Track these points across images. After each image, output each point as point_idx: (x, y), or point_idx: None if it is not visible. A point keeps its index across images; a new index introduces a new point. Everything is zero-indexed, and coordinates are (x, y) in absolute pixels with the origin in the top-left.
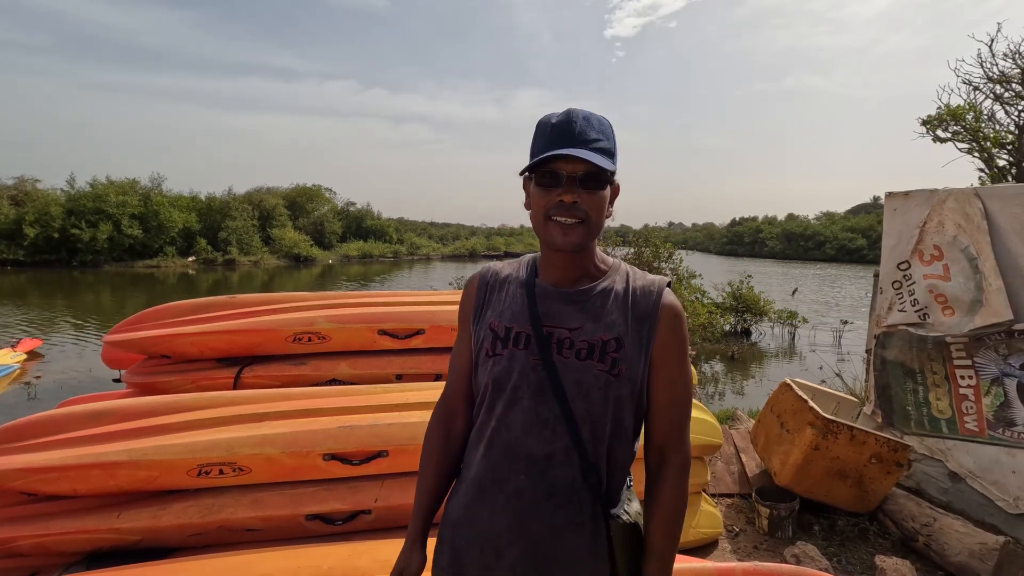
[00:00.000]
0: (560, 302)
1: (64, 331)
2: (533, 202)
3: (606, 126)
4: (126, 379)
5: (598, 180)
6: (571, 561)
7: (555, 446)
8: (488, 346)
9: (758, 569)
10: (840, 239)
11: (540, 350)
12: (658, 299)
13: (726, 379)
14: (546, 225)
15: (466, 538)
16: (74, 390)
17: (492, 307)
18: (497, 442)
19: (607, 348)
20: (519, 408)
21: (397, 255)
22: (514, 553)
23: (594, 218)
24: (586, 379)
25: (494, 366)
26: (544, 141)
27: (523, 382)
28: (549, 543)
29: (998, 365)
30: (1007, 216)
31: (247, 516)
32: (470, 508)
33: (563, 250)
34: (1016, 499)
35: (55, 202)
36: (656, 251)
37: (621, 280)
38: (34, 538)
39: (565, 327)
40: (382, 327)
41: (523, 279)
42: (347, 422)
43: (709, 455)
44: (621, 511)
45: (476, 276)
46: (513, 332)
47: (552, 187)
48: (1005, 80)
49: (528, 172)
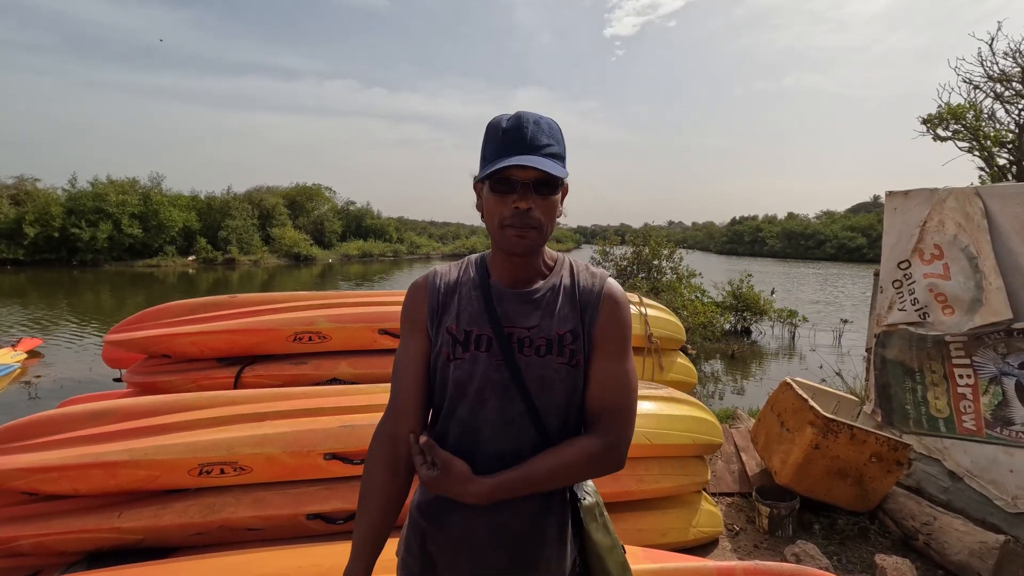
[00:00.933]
0: (517, 302)
1: (64, 331)
2: (487, 207)
3: (556, 130)
4: (126, 379)
5: (550, 186)
6: (541, 545)
7: (521, 441)
8: (448, 350)
9: (758, 568)
10: (840, 238)
11: (502, 351)
12: (600, 288)
13: (726, 378)
14: (501, 231)
15: (439, 543)
16: (74, 390)
17: (447, 311)
18: (463, 445)
19: (564, 341)
20: (485, 409)
21: (397, 254)
22: (493, 553)
23: (547, 223)
24: (548, 374)
25: (455, 370)
26: (496, 146)
27: (487, 383)
28: (526, 534)
29: (996, 364)
30: (1007, 215)
31: (248, 515)
32: (440, 513)
33: (518, 255)
34: (1014, 498)
35: (55, 201)
36: (655, 250)
37: (567, 275)
38: (35, 537)
39: (523, 326)
40: (382, 326)
41: (477, 282)
42: (348, 421)
43: (709, 454)
44: (582, 493)
45: (423, 281)
46: (474, 335)
47: (507, 193)
48: (1005, 79)
49: (482, 179)
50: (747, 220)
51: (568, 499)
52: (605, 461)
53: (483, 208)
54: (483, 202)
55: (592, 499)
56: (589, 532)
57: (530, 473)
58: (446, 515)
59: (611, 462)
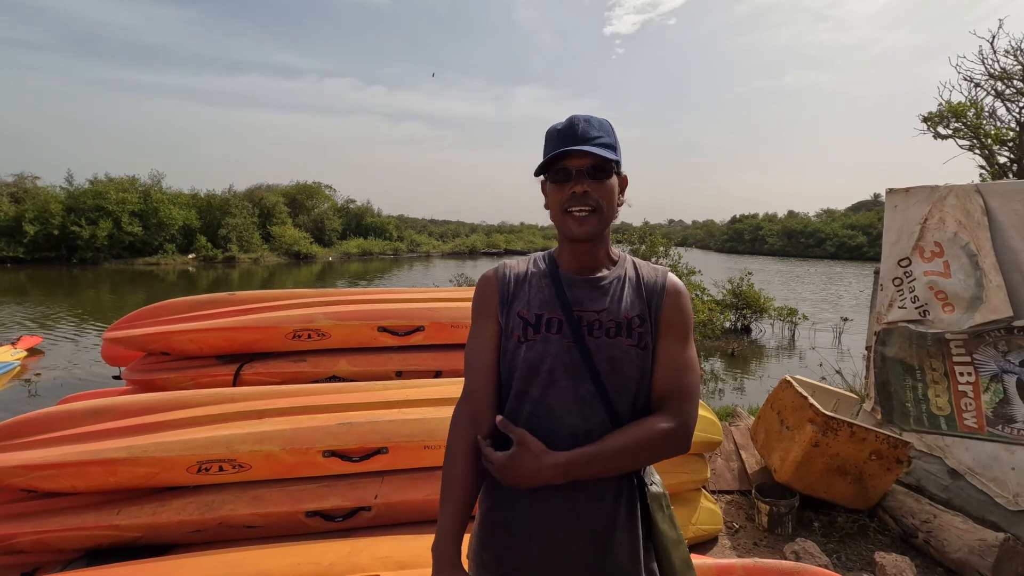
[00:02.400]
0: (586, 287)
1: (64, 328)
2: (550, 199)
3: (606, 125)
4: (126, 376)
5: (604, 170)
6: (614, 529)
7: (593, 422)
8: (519, 333)
9: (758, 565)
10: (841, 236)
11: (573, 333)
12: (664, 279)
13: (726, 376)
14: (563, 218)
15: (512, 531)
16: (74, 387)
17: (517, 298)
18: (536, 425)
19: (632, 324)
20: (556, 389)
21: (397, 252)
22: (569, 535)
23: (605, 206)
24: (618, 355)
25: (527, 351)
26: (553, 145)
27: (558, 364)
28: (598, 518)
29: (997, 362)
30: (1007, 212)
31: (247, 513)
32: (512, 502)
33: (580, 239)
34: (1016, 495)
35: (55, 199)
36: (652, 248)
37: (631, 269)
38: (34, 535)
39: (593, 309)
40: (382, 324)
41: (545, 271)
42: (347, 419)
43: (709, 452)
44: (649, 480)
45: (493, 272)
46: (544, 318)
47: (564, 182)
48: (1006, 76)
49: (542, 174)
50: (747, 218)
51: (636, 484)
52: (674, 441)
53: (547, 202)
54: (547, 197)
55: (659, 489)
56: (656, 521)
57: (603, 449)
58: (517, 502)
59: (679, 442)
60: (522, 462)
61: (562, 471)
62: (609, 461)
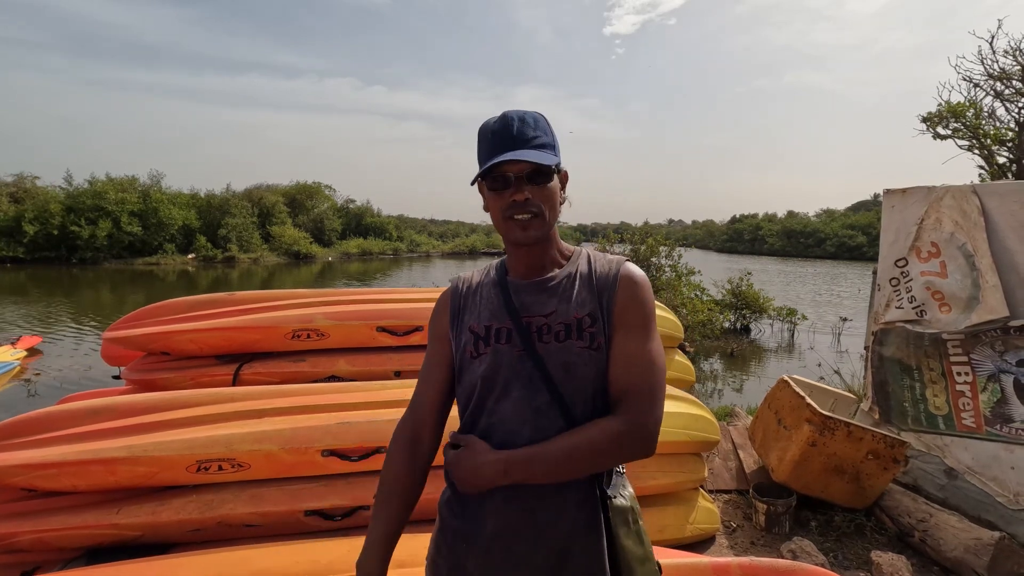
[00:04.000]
0: (532, 292)
1: (64, 328)
2: (489, 205)
3: (541, 122)
4: (125, 376)
5: (543, 174)
6: (572, 541)
7: (550, 432)
8: (471, 348)
9: (755, 564)
10: (840, 236)
11: (523, 341)
12: (616, 270)
13: (725, 376)
14: (506, 224)
15: (469, 539)
16: (74, 387)
17: (469, 312)
18: (492, 437)
19: (583, 325)
20: (509, 401)
21: (397, 252)
22: (525, 547)
23: (547, 210)
24: (570, 359)
25: (480, 365)
26: (487, 147)
27: (512, 375)
28: (555, 528)
29: (994, 362)
30: (1004, 213)
31: (246, 512)
32: (470, 508)
33: (525, 244)
34: (1016, 495)
35: (54, 199)
36: (652, 248)
37: (584, 263)
38: (34, 534)
39: (541, 314)
40: (381, 324)
41: (495, 280)
42: (346, 418)
43: (707, 451)
44: (616, 493)
45: (448, 289)
46: (494, 329)
47: (503, 189)
48: (1006, 77)
49: (480, 179)
50: (747, 218)
51: (599, 496)
52: (629, 442)
53: (486, 206)
54: (487, 202)
55: (626, 502)
56: (618, 536)
57: (547, 450)
58: (476, 509)
59: (636, 444)
60: (465, 459)
61: (502, 467)
62: (556, 463)
